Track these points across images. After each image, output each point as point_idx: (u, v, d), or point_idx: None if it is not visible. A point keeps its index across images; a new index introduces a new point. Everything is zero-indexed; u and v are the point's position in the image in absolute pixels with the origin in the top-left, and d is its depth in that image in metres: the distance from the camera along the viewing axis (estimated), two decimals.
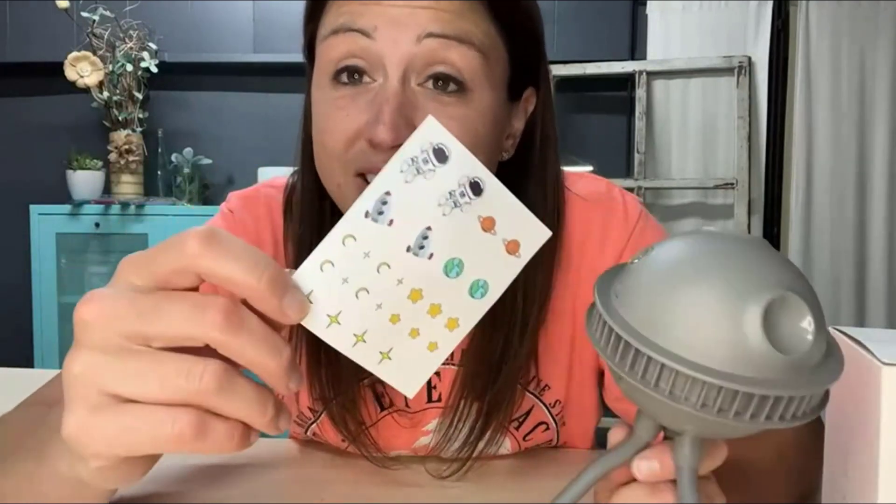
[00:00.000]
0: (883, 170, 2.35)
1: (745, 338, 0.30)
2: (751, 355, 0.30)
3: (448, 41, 0.50)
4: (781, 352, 0.30)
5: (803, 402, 0.31)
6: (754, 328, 0.30)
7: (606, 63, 2.40)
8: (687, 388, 0.30)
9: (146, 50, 2.41)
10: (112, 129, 2.43)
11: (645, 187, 2.37)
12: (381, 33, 0.50)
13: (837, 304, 2.39)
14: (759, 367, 0.30)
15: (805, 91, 2.38)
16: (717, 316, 0.30)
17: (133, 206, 2.31)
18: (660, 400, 0.31)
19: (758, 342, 0.30)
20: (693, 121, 2.43)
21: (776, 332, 0.30)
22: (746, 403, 0.30)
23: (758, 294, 0.30)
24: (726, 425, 0.31)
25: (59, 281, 2.35)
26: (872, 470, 0.34)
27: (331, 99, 0.53)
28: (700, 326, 0.30)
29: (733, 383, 0.29)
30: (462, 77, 0.51)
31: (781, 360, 0.30)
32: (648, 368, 0.31)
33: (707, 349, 0.30)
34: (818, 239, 2.40)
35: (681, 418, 0.32)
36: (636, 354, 0.31)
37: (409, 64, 0.51)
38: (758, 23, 2.38)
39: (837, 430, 0.40)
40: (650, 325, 0.31)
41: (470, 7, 0.51)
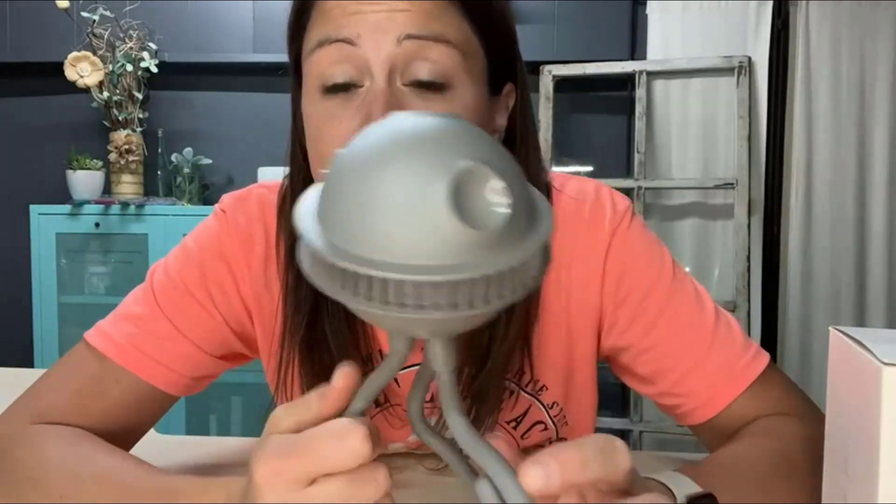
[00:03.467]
0: (883, 170, 2.35)
1: (438, 221, 0.28)
2: (448, 239, 0.28)
3: (426, 41, 0.53)
4: (477, 228, 0.28)
5: (520, 273, 0.30)
6: (443, 209, 0.28)
7: (606, 63, 2.40)
8: (398, 292, 0.29)
9: (146, 50, 2.41)
10: (112, 129, 2.43)
11: (645, 187, 2.37)
12: (364, 39, 0.53)
13: (837, 304, 2.39)
14: (459, 249, 0.28)
15: (805, 91, 2.38)
16: (404, 205, 0.29)
17: (133, 206, 2.31)
18: (380, 313, 0.29)
19: (450, 223, 0.28)
20: (693, 121, 2.43)
21: (467, 208, 0.28)
22: (466, 292, 0.28)
23: (441, 170, 0.28)
24: (459, 319, 0.29)
25: (59, 281, 2.35)
26: (872, 470, 0.34)
27: (322, 109, 0.55)
28: (393, 222, 0.29)
29: (436, 276, 0.28)
30: (443, 74, 0.54)
31: (478, 235, 0.28)
32: (358, 284, 0.29)
33: (407, 245, 0.28)
34: (818, 239, 2.39)
35: (410, 324, 0.31)
36: (344, 274, 0.29)
37: (393, 65, 0.53)
38: (758, 23, 2.38)
39: (837, 430, 0.40)
40: (351, 236, 0.29)
41: (444, 8, 0.54)
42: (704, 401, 0.63)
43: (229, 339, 0.67)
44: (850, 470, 0.37)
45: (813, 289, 2.40)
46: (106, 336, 0.63)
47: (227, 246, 0.67)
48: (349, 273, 0.29)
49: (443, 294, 0.29)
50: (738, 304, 2.28)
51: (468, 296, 0.29)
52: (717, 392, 0.63)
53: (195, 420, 2.33)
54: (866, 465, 0.35)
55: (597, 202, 0.68)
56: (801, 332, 2.41)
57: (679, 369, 0.64)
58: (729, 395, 0.62)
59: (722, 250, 2.42)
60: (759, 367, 0.63)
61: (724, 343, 0.63)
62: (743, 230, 2.29)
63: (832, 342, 0.41)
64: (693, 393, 0.63)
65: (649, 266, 0.66)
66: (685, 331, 0.64)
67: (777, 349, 2.42)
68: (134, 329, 0.63)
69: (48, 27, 2.52)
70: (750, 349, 0.64)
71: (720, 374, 0.63)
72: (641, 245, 0.67)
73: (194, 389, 0.66)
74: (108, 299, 2.40)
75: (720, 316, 0.65)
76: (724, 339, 0.64)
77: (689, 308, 0.65)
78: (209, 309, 0.65)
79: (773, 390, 0.63)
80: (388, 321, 0.31)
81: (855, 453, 0.37)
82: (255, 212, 0.69)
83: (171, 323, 0.64)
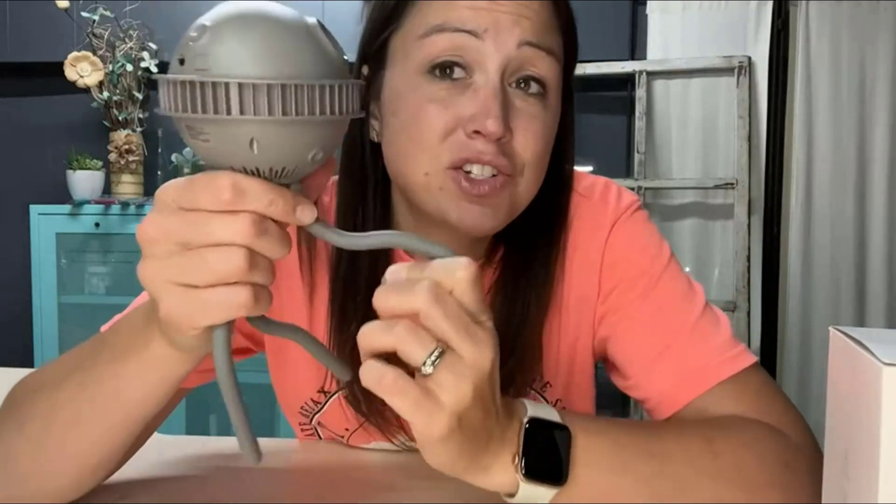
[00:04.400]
0: (883, 170, 2.35)
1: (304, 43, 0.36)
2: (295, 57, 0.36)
3: (540, 51, 0.57)
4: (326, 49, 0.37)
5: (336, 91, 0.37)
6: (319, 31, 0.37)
7: (606, 63, 2.40)
8: (245, 96, 0.35)
9: (146, 50, 2.41)
10: (112, 129, 2.43)
11: (645, 187, 2.37)
12: (489, 35, 0.56)
13: (837, 304, 2.39)
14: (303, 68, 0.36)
15: (805, 91, 2.38)
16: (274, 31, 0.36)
17: (133, 206, 2.31)
18: (226, 120, 0.35)
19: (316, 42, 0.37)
20: (693, 121, 2.43)
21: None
22: (283, 97, 0.35)
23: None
24: (281, 128, 0.36)
25: (59, 281, 2.35)
26: (872, 470, 0.34)
27: (426, 92, 0.57)
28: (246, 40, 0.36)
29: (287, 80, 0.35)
30: (545, 83, 0.59)
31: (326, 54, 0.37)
32: (207, 92, 0.35)
33: (258, 61, 0.35)
34: (818, 239, 2.39)
35: (239, 137, 0.36)
36: (201, 87, 0.35)
37: (508, 65, 0.56)
38: (758, 23, 2.38)
39: (837, 430, 0.40)
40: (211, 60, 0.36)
41: (553, 22, 0.59)
42: (668, 395, 0.61)
43: (234, 335, 0.67)
44: (850, 470, 0.37)
45: (813, 289, 2.40)
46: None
47: None
48: (195, 87, 0.35)
49: (264, 98, 0.35)
50: (738, 304, 2.28)
51: (282, 103, 0.35)
52: (681, 386, 0.61)
53: (195, 420, 2.33)
54: (866, 465, 0.35)
55: (602, 198, 0.69)
56: (801, 332, 2.41)
57: (649, 359, 0.63)
58: (693, 391, 0.60)
59: (722, 250, 2.42)
60: (737, 366, 0.60)
61: (702, 338, 0.62)
62: (743, 230, 2.29)
63: (832, 342, 0.41)
64: (659, 384, 0.62)
65: (641, 258, 0.66)
66: (662, 321, 0.63)
67: (777, 349, 2.42)
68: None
69: (48, 27, 2.51)
70: (732, 349, 0.62)
71: (688, 368, 0.61)
72: (637, 237, 0.68)
73: (199, 381, 0.67)
74: (108, 299, 2.40)
75: (707, 313, 0.64)
76: (704, 335, 0.62)
77: (673, 301, 0.64)
78: None
79: (750, 393, 0.60)
80: (221, 139, 0.36)
81: (855, 453, 0.37)
82: None
83: None
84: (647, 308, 0.64)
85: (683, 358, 0.61)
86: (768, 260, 2.41)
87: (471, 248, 0.66)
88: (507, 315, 0.64)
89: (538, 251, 0.66)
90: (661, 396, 0.62)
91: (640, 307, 0.64)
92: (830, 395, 0.42)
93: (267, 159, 0.37)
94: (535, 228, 0.65)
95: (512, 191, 0.58)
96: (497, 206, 0.58)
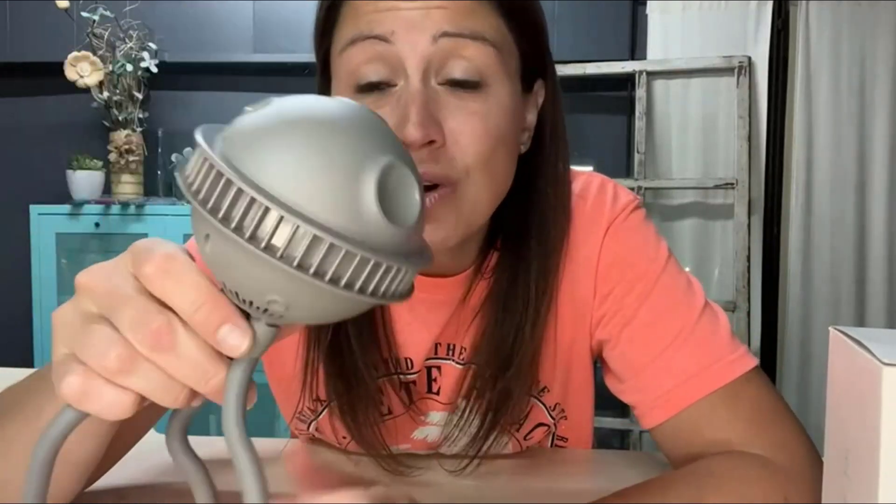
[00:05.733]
0: (883, 170, 2.35)
1: (360, 199, 0.28)
2: (361, 217, 0.28)
3: (462, 39, 0.52)
4: (392, 220, 0.28)
5: (400, 274, 0.29)
6: (369, 191, 0.28)
7: (606, 63, 2.40)
8: (289, 237, 0.27)
9: (146, 50, 2.41)
10: (112, 129, 2.43)
11: (645, 187, 2.37)
12: (399, 37, 0.52)
13: (837, 304, 2.39)
14: (367, 230, 0.28)
15: (805, 91, 2.38)
16: (331, 170, 0.28)
17: (133, 206, 2.31)
18: (256, 256, 0.27)
19: (370, 204, 0.28)
20: (693, 121, 2.43)
21: (388, 199, 0.29)
22: (350, 266, 0.27)
23: (375, 157, 0.28)
24: (319, 294, 0.28)
25: (59, 281, 2.35)
26: (872, 470, 0.34)
27: None
28: (310, 177, 0.27)
29: (346, 242, 0.27)
30: (478, 73, 0.53)
31: (389, 228, 0.28)
32: (248, 213, 0.27)
33: (318, 203, 0.27)
34: (818, 239, 2.39)
35: (273, 281, 0.28)
36: (235, 195, 0.27)
37: (429, 63, 0.52)
38: (758, 23, 2.38)
39: (837, 430, 0.40)
40: (258, 165, 0.28)
41: (479, 5, 0.53)
42: (662, 400, 0.59)
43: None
44: (850, 470, 0.37)
45: (813, 289, 2.40)
46: None
47: None
48: (232, 190, 0.27)
49: (317, 253, 0.27)
50: (738, 304, 2.28)
51: (336, 268, 0.27)
52: (677, 393, 0.58)
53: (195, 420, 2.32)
54: (866, 465, 0.35)
55: (598, 198, 0.67)
56: (801, 332, 2.41)
57: (644, 363, 0.61)
58: (688, 398, 0.58)
59: (722, 250, 2.42)
60: (734, 373, 0.58)
61: (700, 343, 0.59)
62: (743, 230, 2.29)
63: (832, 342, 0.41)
64: (652, 390, 0.60)
65: (637, 260, 0.64)
66: (659, 324, 0.61)
67: (777, 349, 2.42)
68: None
69: (48, 27, 2.51)
70: (733, 352, 0.59)
71: (685, 374, 0.58)
72: (634, 238, 0.66)
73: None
74: None
75: (707, 313, 0.61)
76: (702, 339, 0.59)
77: (670, 303, 0.62)
78: None
79: (745, 404, 0.58)
80: (249, 269, 0.28)
81: (855, 453, 0.37)
82: None
83: None
84: (643, 312, 0.62)
85: (678, 363, 0.59)
86: (768, 260, 2.41)
87: (454, 258, 0.63)
88: (502, 332, 0.61)
89: (534, 261, 0.61)
90: (653, 403, 0.60)
91: (637, 311, 0.62)
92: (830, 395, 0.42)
93: (268, 301, 0.29)
94: (530, 235, 0.62)
95: (459, 199, 0.53)
96: (443, 218, 0.53)
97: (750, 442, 0.56)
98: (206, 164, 0.28)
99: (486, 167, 0.54)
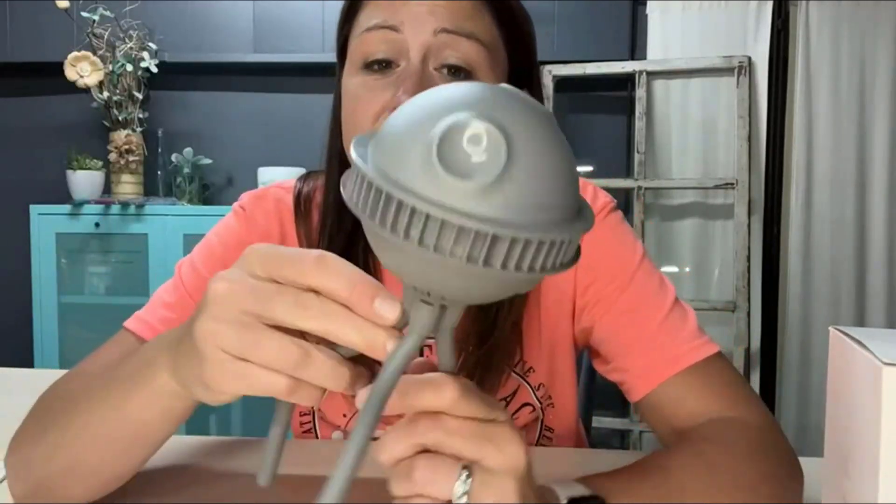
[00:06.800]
0: (883, 170, 2.35)
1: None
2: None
3: (458, 36, 0.62)
4: (457, 175, 0.29)
5: (561, 248, 0.30)
6: (433, 157, 0.29)
7: (606, 63, 2.40)
8: (452, 237, 0.28)
9: (146, 50, 2.41)
10: (112, 129, 2.43)
11: (645, 187, 2.37)
12: (407, 27, 0.62)
13: (837, 304, 2.39)
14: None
15: (805, 91, 2.38)
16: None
17: (133, 206, 2.31)
18: (424, 257, 0.29)
19: (435, 170, 0.28)
20: (693, 121, 2.43)
21: (450, 158, 0.29)
22: (501, 249, 0.28)
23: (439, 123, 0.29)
24: (491, 280, 0.30)
25: (59, 281, 2.35)
26: (872, 470, 0.34)
27: (361, 82, 0.64)
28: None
29: (498, 227, 0.28)
30: (469, 65, 0.63)
31: (465, 184, 0.29)
32: (413, 220, 0.29)
33: (446, 189, 0.28)
34: (818, 239, 2.39)
35: (447, 278, 0.31)
36: (398, 207, 0.29)
37: (427, 50, 0.62)
38: (758, 23, 2.38)
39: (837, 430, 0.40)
40: (407, 173, 0.29)
41: (478, 9, 0.63)
42: (642, 376, 0.67)
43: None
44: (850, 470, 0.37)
45: (813, 289, 2.40)
46: (143, 321, 0.69)
47: (247, 241, 0.72)
48: (393, 203, 0.29)
49: (481, 245, 0.28)
50: (738, 304, 2.28)
51: (502, 256, 0.29)
52: (654, 369, 0.67)
53: (195, 420, 2.32)
54: (866, 465, 0.35)
55: None
56: (801, 332, 2.41)
57: (626, 345, 0.69)
58: (665, 373, 0.66)
59: (722, 250, 2.42)
60: (701, 354, 0.66)
61: (672, 328, 0.68)
62: (743, 230, 2.29)
63: (832, 342, 0.41)
64: (634, 368, 0.68)
65: (616, 255, 0.72)
66: (638, 312, 0.69)
67: (777, 349, 2.42)
68: (168, 314, 0.69)
69: (48, 27, 2.51)
70: (699, 339, 0.68)
71: (661, 353, 0.67)
72: (612, 237, 0.73)
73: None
74: (108, 299, 2.40)
75: (677, 307, 0.70)
76: (674, 326, 0.68)
77: (646, 294, 0.70)
78: None
79: (712, 379, 0.66)
80: (418, 265, 0.31)
81: (855, 453, 0.37)
82: (271, 209, 0.76)
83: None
84: (623, 301, 0.70)
85: (655, 345, 0.67)
86: (768, 260, 2.41)
87: None
88: (482, 308, 0.69)
89: None
90: (636, 378, 0.68)
91: (617, 301, 0.70)
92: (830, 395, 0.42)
93: (439, 289, 0.32)
94: None
95: None
96: None
97: (724, 408, 0.64)
98: (364, 182, 0.30)
99: None
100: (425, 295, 0.33)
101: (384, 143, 0.31)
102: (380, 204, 0.29)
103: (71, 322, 2.36)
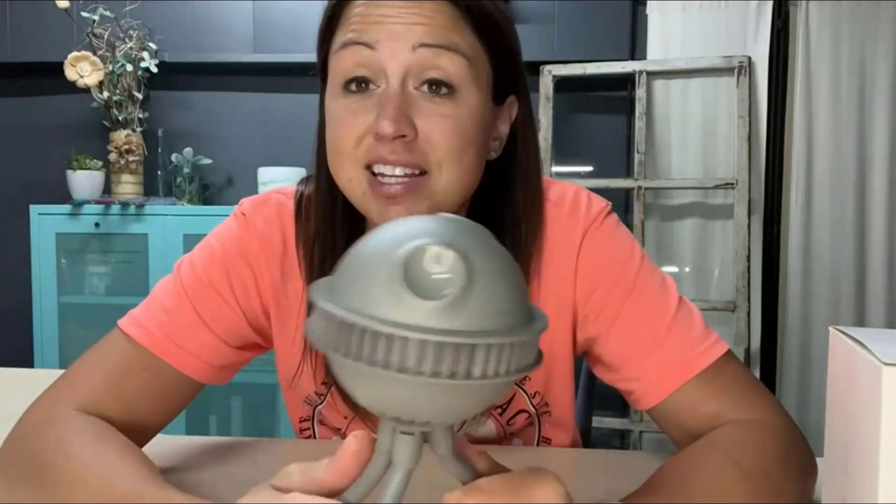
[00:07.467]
0: (883, 170, 2.35)
1: (397, 290, 0.30)
2: (411, 307, 0.30)
3: (438, 50, 0.60)
4: (422, 297, 0.30)
5: (525, 348, 0.31)
6: (398, 279, 0.30)
7: (606, 63, 2.40)
8: (429, 355, 0.29)
9: (146, 50, 2.41)
10: (112, 129, 2.43)
11: (645, 187, 2.37)
12: (382, 45, 0.60)
13: (837, 304, 2.39)
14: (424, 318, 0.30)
15: (805, 91, 2.38)
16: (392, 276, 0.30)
17: (133, 206, 2.31)
18: (397, 379, 0.30)
19: (401, 292, 0.30)
20: (693, 121, 2.43)
21: (415, 280, 0.30)
22: (455, 357, 0.29)
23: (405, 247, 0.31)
24: (465, 393, 0.31)
25: (59, 281, 2.35)
26: (872, 470, 0.34)
27: (342, 105, 0.62)
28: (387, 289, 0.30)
29: (472, 337, 0.29)
30: (451, 80, 0.61)
31: (428, 304, 0.30)
32: (364, 342, 0.30)
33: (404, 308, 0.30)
34: (818, 239, 2.39)
35: (424, 400, 0.31)
36: (350, 331, 0.30)
37: (407, 70, 0.60)
38: (758, 23, 2.38)
39: (837, 430, 0.40)
40: (357, 298, 0.31)
41: (456, 21, 0.61)
42: (654, 385, 0.66)
43: (247, 332, 0.72)
44: (850, 470, 0.37)
45: (813, 289, 2.40)
46: (139, 325, 0.68)
47: (248, 247, 0.72)
48: (351, 329, 0.30)
49: (452, 358, 0.29)
50: (738, 304, 2.28)
51: (481, 364, 0.30)
52: (666, 377, 0.65)
53: (195, 420, 2.33)
54: (866, 465, 0.35)
55: (573, 206, 0.72)
56: (801, 332, 2.41)
57: (634, 353, 0.67)
58: (678, 381, 0.64)
59: (722, 250, 2.42)
60: (713, 356, 0.65)
61: (681, 331, 0.66)
62: (743, 230, 2.29)
63: (832, 342, 0.41)
64: (644, 377, 0.66)
65: (616, 261, 0.70)
66: (644, 318, 0.67)
67: (777, 349, 2.42)
68: (165, 318, 0.68)
69: (48, 27, 2.51)
70: (708, 339, 0.66)
71: (672, 359, 0.65)
72: (610, 242, 0.71)
73: (218, 379, 0.71)
74: (108, 299, 2.40)
75: (682, 307, 0.68)
76: (683, 328, 0.67)
77: (651, 298, 0.68)
78: (231, 304, 0.70)
79: (726, 380, 0.65)
80: (392, 392, 0.31)
81: (855, 453, 0.37)
82: (272, 215, 0.74)
83: (197, 315, 0.68)
84: (628, 309, 0.68)
85: (664, 352, 0.66)
86: (768, 260, 2.41)
87: None
88: None
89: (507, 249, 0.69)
90: (648, 387, 0.66)
91: (622, 308, 0.68)
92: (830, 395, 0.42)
93: (415, 415, 0.33)
94: (504, 230, 0.69)
95: (430, 187, 0.61)
96: (414, 203, 0.61)
97: (739, 410, 0.63)
98: (328, 318, 0.31)
99: (457, 162, 0.61)
100: (405, 425, 0.34)
101: (344, 279, 0.32)
102: (348, 335, 0.30)
103: (71, 322, 2.36)
